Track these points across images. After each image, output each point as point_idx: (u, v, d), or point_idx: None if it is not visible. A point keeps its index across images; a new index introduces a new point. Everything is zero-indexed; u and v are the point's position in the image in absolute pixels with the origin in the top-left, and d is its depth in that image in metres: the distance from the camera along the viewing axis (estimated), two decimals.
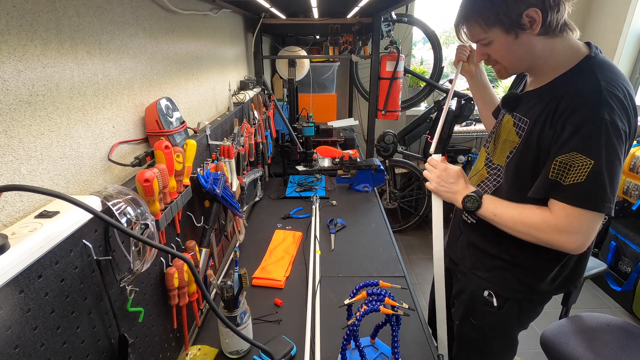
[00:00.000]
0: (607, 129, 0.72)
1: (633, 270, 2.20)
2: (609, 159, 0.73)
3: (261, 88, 2.10)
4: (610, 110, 0.72)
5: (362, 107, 3.37)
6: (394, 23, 2.62)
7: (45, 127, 0.56)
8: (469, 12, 0.83)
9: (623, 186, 2.30)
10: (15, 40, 0.50)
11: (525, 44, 0.80)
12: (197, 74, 1.24)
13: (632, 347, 1.24)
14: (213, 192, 1.03)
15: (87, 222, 0.57)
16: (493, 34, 0.82)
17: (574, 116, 0.75)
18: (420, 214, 3.12)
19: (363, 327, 1.05)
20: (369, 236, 1.52)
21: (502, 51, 0.84)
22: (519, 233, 0.86)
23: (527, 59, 0.84)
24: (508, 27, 0.78)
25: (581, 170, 0.74)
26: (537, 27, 0.77)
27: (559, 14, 0.76)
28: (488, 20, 0.80)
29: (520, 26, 0.77)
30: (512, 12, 0.76)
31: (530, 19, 0.76)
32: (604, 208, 0.75)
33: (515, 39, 0.80)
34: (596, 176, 0.73)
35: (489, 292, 1.04)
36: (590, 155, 0.73)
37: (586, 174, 0.73)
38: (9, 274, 0.42)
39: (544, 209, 0.82)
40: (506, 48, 0.83)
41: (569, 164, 0.75)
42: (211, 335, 1.01)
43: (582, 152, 0.73)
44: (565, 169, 0.76)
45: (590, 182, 0.73)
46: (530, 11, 0.75)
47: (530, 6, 0.75)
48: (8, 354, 0.43)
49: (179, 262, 0.83)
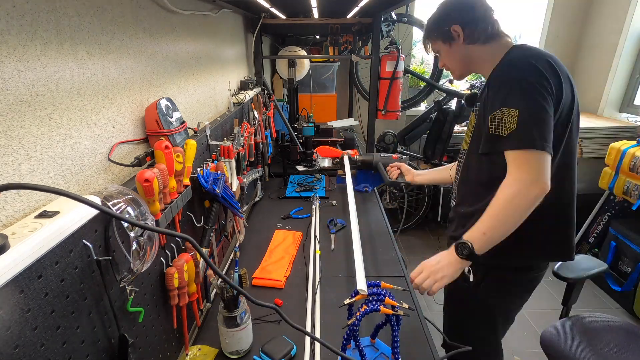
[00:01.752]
0: (520, 84, 0.88)
1: (633, 270, 2.20)
2: (529, 104, 0.87)
3: (261, 88, 2.10)
4: (519, 71, 0.90)
5: (362, 107, 3.37)
6: (394, 23, 2.62)
7: (45, 127, 0.56)
8: (425, 33, 1.12)
9: (623, 186, 2.30)
10: (15, 40, 0.50)
11: (460, 51, 1.05)
12: (197, 74, 1.24)
13: (633, 347, 1.24)
14: (213, 192, 1.03)
15: (87, 222, 0.57)
16: (439, 46, 1.08)
17: (495, 82, 0.95)
18: (420, 214, 3.12)
19: (363, 327, 1.05)
20: (369, 236, 1.52)
21: (447, 58, 1.10)
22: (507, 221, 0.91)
23: (466, 62, 1.07)
24: (444, 39, 1.05)
25: (512, 120, 0.88)
26: (461, 39, 1.02)
27: (478, 28, 1.00)
28: (433, 36, 1.08)
29: (451, 38, 1.04)
30: (442, 28, 1.04)
31: (456, 32, 1.02)
32: (538, 145, 0.86)
33: (450, 48, 1.06)
34: (524, 121, 0.87)
35: (468, 268, 1.07)
36: (513, 106, 0.88)
37: (516, 122, 0.87)
38: (9, 274, 0.42)
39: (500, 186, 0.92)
40: (448, 55, 1.09)
41: (501, 118, 0.89)
42: (211, 335, 1.01)
43: (507, 105, 0.89)
44: (500, 123, 0.90)
45: (520, 127, 0.87)
46: (454, 26, 1.01)
47: (453, 23, 1.02)
48: (8, 354, 0.43)
49: (179, 262, 0.83)
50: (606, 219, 2.53)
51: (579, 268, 1.37)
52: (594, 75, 3.06)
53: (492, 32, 1.01)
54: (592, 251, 2.63)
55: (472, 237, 0.94)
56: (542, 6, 3.21)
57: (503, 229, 0.91)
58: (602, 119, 2.92)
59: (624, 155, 2.27)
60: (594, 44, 3.07)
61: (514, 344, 1.98)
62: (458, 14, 1.02)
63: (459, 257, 0.95)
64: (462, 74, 1.11)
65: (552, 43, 3.22)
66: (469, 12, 1.01)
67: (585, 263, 1.39)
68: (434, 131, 2.91)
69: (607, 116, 2.98)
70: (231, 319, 0.90)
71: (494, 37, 1.01)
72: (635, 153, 2.22)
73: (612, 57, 2.86)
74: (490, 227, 0.91)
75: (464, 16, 1.01)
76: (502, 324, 1.15)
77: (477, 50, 1.03)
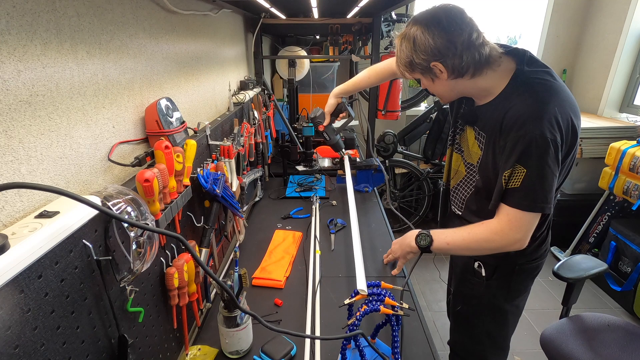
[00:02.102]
0: (537, 142, 0.82)
1: (633, 270, 2.20)
2: (539, 166, 0.84)
3: (261, 88, 2.10)
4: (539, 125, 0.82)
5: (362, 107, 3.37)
6: (394, 23, 2.63)
7: (45, 127, 0.56)
8: (397, 60, 0.95)
9: (623, 186, 2.30)
10: (15, 40, 0.50)
11: (444, 85, 0.92)
12: (197, 74, 1.24)
13: (633, 347, 1.24)
14: (213, 192, 1.03)
15: (87, 222, 0.57)
16: (416, 76, 0.94)
17: (511, 135, 0.85)
18: (420, 214, 3.12)
19: (363, 327, 1.05)
20: (369, 236, 1.52)
21: (429, 88, 0.97)
22: (472, 251, 0.97)
23: (453, 94, 0.97)
24: (423, 73, 0.91)
25: (517, 178, 0.86)
26: (445, 76, 0.88)
27: (463, 62, 0.84)
28: (408, 68, 0.92)
29: (432, 74, 0.90)
30: (420, 64, 0.88)
31: (438, 69, 0.87)
32: (537, 208, 0.86)
33: (433, 83, 0.93)
34: (528, 182, 0.84)
35: (478, 263, 1.10)
36: (524, 165, 0.84)
37: (521, 180, 0.85)
38: (9, 274, 0.42)
39: (487, 222, 0.93)
40: (430, 86, 0.96)
41: (512, 174, 0.87)
42: (211, 335, 1.01)
43: (519, 163, 0.85)
44: (510, 178, 0.87)
45: (523, 188, 0.85)
46: (435, 63, 0.86)
47: (432, 60, 0.86)
48: (8, 354, 0.43)
49: (179, 262, 0.83)
50: (606, 219, 2.53)
51: (579, 268, 1.37)
52: (594, 75, 3.06)
53: (481, 61, 0.85)
54: (592, 251, 2.63)
55: (437, 237, 1.00)
56: (542, 6, 3.21)
57: (465, 252, 1.00)
58: (602, 119, 2.92)
59: (624, 155, 2.27)
60: (594, 44, 3.07)
61: (514, 344, 1.96)
62: (436, 49, 0.83)
63: (415, 244, 1.03)
64: (450, 100, 1.04)
65: (552, 43, 3.22)
66: (449, 45, 0.82)
67: (585, 263, 1.39)
68: (434, 131, 2.92)
69: (607, 116, 2.97)
70: (231, 319, 0.90)
71: (484, 65, 0.87)
72: (635, 153, 2.22)
73: (612, 57, 2.86)
74: (457, 244, 0.97)
75: (444, 51, 0.83)
76: (511, 317, 1.15)
77: (468, 83, 0.90)
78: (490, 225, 0.93)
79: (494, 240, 0.91)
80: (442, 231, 1.00)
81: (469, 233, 0.96)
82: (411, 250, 1.06)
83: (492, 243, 0.92)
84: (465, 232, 0.96)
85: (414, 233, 1.05)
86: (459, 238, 0.97)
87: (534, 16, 3.32)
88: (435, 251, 1.01)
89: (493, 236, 0.91)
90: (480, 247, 0.94)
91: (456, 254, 1.03)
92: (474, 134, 1.01)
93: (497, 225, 0.91)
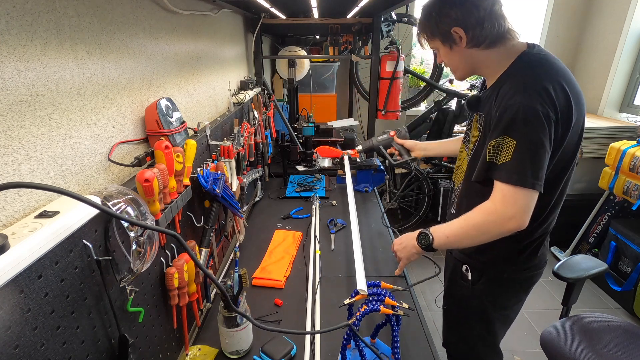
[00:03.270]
0: (525, 112, 0.82)
1: (633, 270, 2.20)
2: (529, 138, 0.83)
3: (261, 88, 2.10)
4: (529, 97, 0.82)
5: (362, 107, 3.37)
6: (394, 23, 2.62)
7: (45, 127, 0.56)
8: (419, 28, 1.00)
9: (623, 186, 2.30)
10: (15, 40, 0.50)
11: (460, 55, 0.95)
12: (197, 74, 1.24)
13: (633, 348, 1.24)
14: (213, 192, 1.03)
15: (87, 222, 0.57)
16: (436, 44, 0.98)
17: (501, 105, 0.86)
18: (420, 214, 3.12)
19: (363, 327, 1.05)
20: (369, 236, 1.52)
21: (446, 58, 1.00)
22: (472, 238, 0.94)
23: (467, 66, 0.99)
24: (443, 40, 0.95)
25: (508, 151, 0.84)
26: (463, 43, 0.92)
27: (483, 31, 0.88)
28: (430, 34, 0.97)
29: (452, 40, 0.93)
30: (442, 28, 0.92)
31: (458, 35, 0.91)
32: (528, 183, 0.84)
33: (451, 50, 0.95)
34: (520, 155, 0.83)
35: (466, 267, 1.10)
36: (513, 136, 0.84)
37: (511, 154, 0.84)
38: (9, 274, 0.42)
39: (481, 205, 0.91)
40: (446, 56, 0.99)
41: (499, 146, 0.86)
42: (211, 335, 1.01)
43: (507, 133, 0.84)
44: (497, 151, 0.86)
45: (514, 160, 0.84)
46: (456, 29, 0.90)
47: (454, 25, 0.90)
48: (8, 354, 0.43)
49: (179, 262, 0.83)
50: (606, 219, 2.53)
51: (579, 268, 1.36)
52: (594, 75, 3.06)
53: (499, 33, 0.90)
54: (592, 251, 2.63)
55: (436, 234, 0.98)
56: (542, 6, 3.21)
57: (465, 242, 0.96)
58: (602, 119, 2.92)
59: (624, 155, 2.27)
60: (594, 44, 3.07)
61: (514, 344, 1.98)
62: (460, 13, 0.88)
63: (417, 244, 1.02)
64: (463, 75, 1.04)
65: (552, 43, 3.22)
66: (473, 11, 0.87)
67: (585, 263, 1.39)
68: (434, 131, 2.91)
69: (607, 116, 2.97)
70: (231, 319, 0.90)
71: (501, 38, 0.91)
72: (635, 153, 2.22)
73: (612, 57, 2.86)
74: (456, 235, 0.95)
75: (468, 17, 0.88)
76: (499, 324, 1.15)
77: (482, 54, 0.93)
78: (483, 207, 0.90)
79: (490, 221, 0.89)
80: (439, 226, 0.99)
81: (465, 220, 0.93)
82: (416, 251, 1.04)
83: (489, 224, 0.89)
84: (462, 220, 0.94)
85: (414, 234, 1.04)
86: (457, 227, 0.95)
87: (534, 16, 3.32)
88: (438, 247, 0.99)
89: (488, 217, 0.89)
90: (479, 232, 0.91)
91: (460, 246, 0.98)
92: (476, 119, 1.01)
93: (491, 205, 0.89)
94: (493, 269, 1.06)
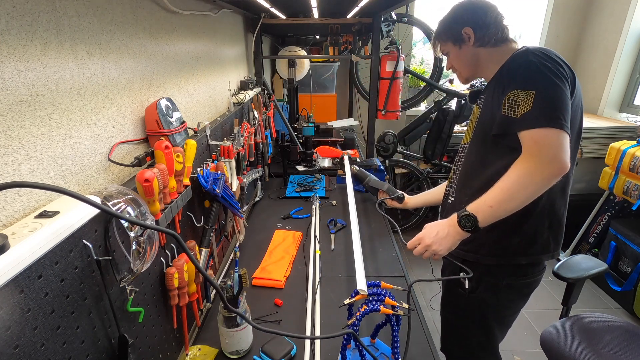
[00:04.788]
0: (537, 66, 0.88)
1: (633, 270, 2.20)
2: (546, 84, 0.86)
3: (261, 88, 2.10)
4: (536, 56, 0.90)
5: (362, 107, 3.37)
6: (394, 23, 2.62)
7: (45, 127, 0.56)
8: (436, 34, 1.14)
9: (623, 186, 2.30)
10: (15, 40, 0.50)
11: (469, 53, 1.07)
12: (197, 74, 1.24)
13: (633, 348, 1.24)
14: (213, 192, 1.03)
15: (87, 222, 0.57)
16: (448, 47, 1.11)
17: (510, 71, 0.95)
18: (420, 214, 3.12)
19: (363, 327, 1.05)
20: (369, 236, 1.52)
21: (455, 59, 1.11)
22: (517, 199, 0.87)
23: (474, 65, 1.09)
24: (454, 41, 1.08)
25: (527, 102, 0.86)
26: (472, 41, 1.05)
27: (489, 31, 1.02)
28: (444, 38, 1.11)
29: (462, 40, 1.06)
30: (455, 29, 1.06)
31: (467, 35, 1.05)
32: (557, 123, 0.83)
33: (460, 50, 1.08)
34: (540, 101, 0.85)
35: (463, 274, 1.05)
36: (529, 88, 0.87)
37: (532, 103, 0.85)
38: (9, 274, 0.42)
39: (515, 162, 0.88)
40: (456, 56, 1.10)
41: (515, 100, 0.88)
42: (211, 335, 1.01)
43: (523, 88, 0.88)
44: (514, 105, 0.88)
45: (536, 107, 0.85)
46: (466, 29, 1.04)
47: (465, 25, 1.04)
48: (8, 354, 0.43)
49: (179, 262, 0.83)
50: (606, 219, 2.53)
51: (579, 268, 1.36)
52: (594, 75, 3.06)
53: (502, 37, 1.03)
54: (592, 251, 2.63)
55: (477, 209, 0.90)
56: (542, 6, 3.21)
57: (511, 205, 0.87)
58: (602, 119, 2.92)
59: (624, 155, 2.27)
60: (594, 44, 3.07)
61: (514, 344, 1.98)
62: (471, 16, 1.04)
63: (462, 229, 0.92)
64: (468, 77, 1.12)
65: (552, 43, 3.21)
66: (482, 16, 1.03)
67: (585, 263, 1.39)
68: (434, 131, 2.91)
69: (607, 116, 2.98)
70: (231, 319, 0.90)
71: (502, 41, 1.03)
72: (635, 153, 2.22)
73: (612, 57, 2.86)
74: (499, 200, 0.87)
75: (477, 19, 1.03)
76: (498, 329, 1.15)
77: (486, 52, 1.05)
78: (518, 162, 0.87)
79: (531, 171, 0.84)
80: (473, 203, 0.92)
81: (503, 181, 0.88)
82: (460, 237, 0.94)
83: (530, 175, 0.84)
84: (499, 183, 0.89)
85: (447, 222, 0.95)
86: (497, 192, 0.88)
87: (534, 16, 3.32)
88: (484, 224, 0.90)
89: (527, 168, 0.85)
90: (523, 187, 0.85)
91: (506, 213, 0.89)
92: (478, 107, 1.08)
93: (526, 156, 0.86)
94: (491, 276, 1.06)
